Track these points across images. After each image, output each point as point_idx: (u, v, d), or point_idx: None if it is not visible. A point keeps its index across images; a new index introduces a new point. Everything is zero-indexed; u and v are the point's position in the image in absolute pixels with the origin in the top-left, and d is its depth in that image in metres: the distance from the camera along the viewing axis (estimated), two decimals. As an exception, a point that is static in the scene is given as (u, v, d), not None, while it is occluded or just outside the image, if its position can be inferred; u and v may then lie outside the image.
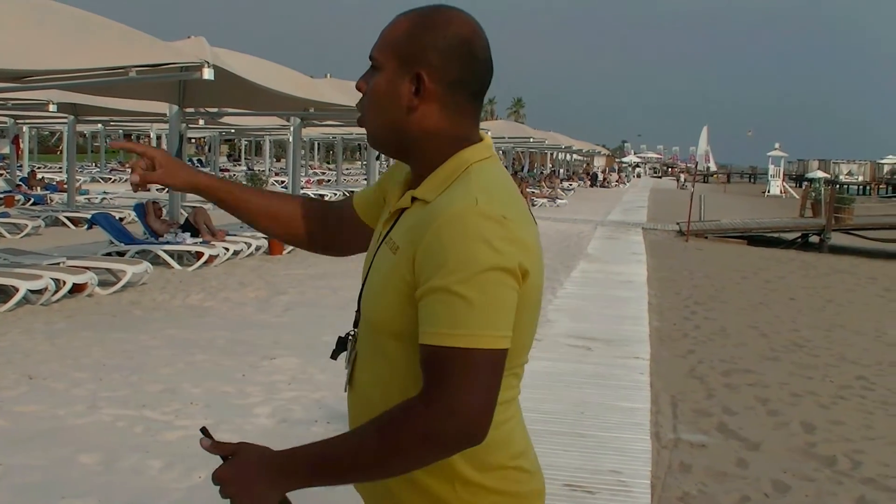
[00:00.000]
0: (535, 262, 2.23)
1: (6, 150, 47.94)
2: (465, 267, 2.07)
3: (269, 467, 2.21)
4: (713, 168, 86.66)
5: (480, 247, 2.09)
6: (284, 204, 2.81)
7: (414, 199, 2.31)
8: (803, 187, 63.02)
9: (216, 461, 2.31)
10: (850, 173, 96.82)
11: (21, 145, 43.10)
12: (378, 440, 2.10)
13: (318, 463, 2.19)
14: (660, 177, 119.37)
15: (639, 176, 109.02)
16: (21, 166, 43.26)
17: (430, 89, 2.29)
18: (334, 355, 2.56)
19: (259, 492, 2.19)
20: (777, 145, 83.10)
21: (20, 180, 35.89)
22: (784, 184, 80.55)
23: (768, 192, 78.20)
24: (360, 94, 2.42)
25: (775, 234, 33.84)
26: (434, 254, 2.11)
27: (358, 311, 2.43)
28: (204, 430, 2.33)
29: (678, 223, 33.61)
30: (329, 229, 2.80)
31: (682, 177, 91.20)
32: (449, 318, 2.07)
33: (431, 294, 2.10)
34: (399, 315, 2.21)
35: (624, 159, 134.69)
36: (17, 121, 36.28)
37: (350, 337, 2.50)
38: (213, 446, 2.28)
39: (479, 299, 2.07)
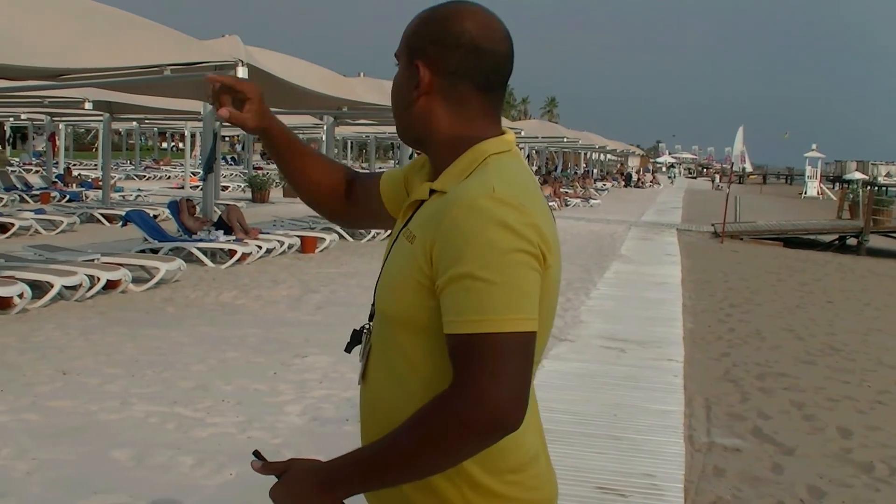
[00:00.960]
0: (554, 256, 2.19)
1: (42, 148, 48.40)
2: (486, 252, 2.04)
3: (317, 480, 2.19)
4: (749, 169, 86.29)
5: (501, 231, 2.06)
6: (328, 165, 2.82)
7: (432, 191, 2.30)
8: (841, 189, 62.62)
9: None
10: (888, 175, 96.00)
11: (57, 142, 43.43)
12: (415, 436, 2.05)
13: (361, 468, 2.15)
14: (694, 177, 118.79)
15: (675, 176, 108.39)
16: (57, 163, 43.61)
17: (428, 81, 2.31)
18: (348, 348, 2.53)
19: None
20: (814, 146, 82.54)
21: (56, 177, 36.18)
22: (821, 185, 80.00)
23: (805, 193, 77.67)
24: None
25: (812, 237, 33.62)
26: (453, 242, 2.08)
27: (374, 304, 2.41)
28: (256, 454, 2.32)
29: (713, 224, 33.45)
30: (352, 196, 2.79)
31: (717, 178, 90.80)
32: (473, 304, 2.03)
33: (454, 282, 2.06)
34: (417, 307, 2.17)
35: (658, 159, 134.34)
36: (54, 118, 36.60)
37: (365, 330, 2.46)
38: (265, 467, 2.28)
39: (503, 282, 2.03)
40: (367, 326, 2.45)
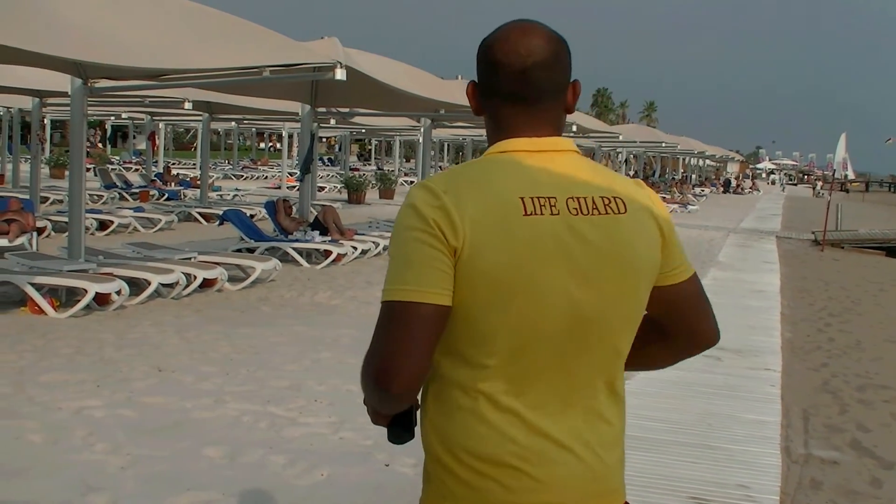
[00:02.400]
0: (483, 242, 2.25)
1: (143, 146, 49.14)
2: (394, 229, 2.33)
3: None
4: (851, 176, 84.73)
5: (406, 210, 2.30)
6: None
7: None
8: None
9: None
10: None
11: (157, 141, 43.99)
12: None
13: None
14: (795, 184, 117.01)
15: (773, 183, 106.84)
16: (156, 162, 44.15)
17: (473, 101, 2.53)
18: None
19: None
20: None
21: (155, 176, 36.65)
22: (925, 193, 78.08)
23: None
24: None
25: (917, 246, 32.80)
26: None
27: None
28: None
29: (813, 232, 32.90)
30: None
31: (819, 185, 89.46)
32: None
33: None
34: None
35: (758, 165, 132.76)
36: (154, 117, 37.06)
37: None
38: None
39: (395, 255, 2.29)
40: None
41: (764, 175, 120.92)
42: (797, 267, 24.00)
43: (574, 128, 28.87)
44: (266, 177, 56.33)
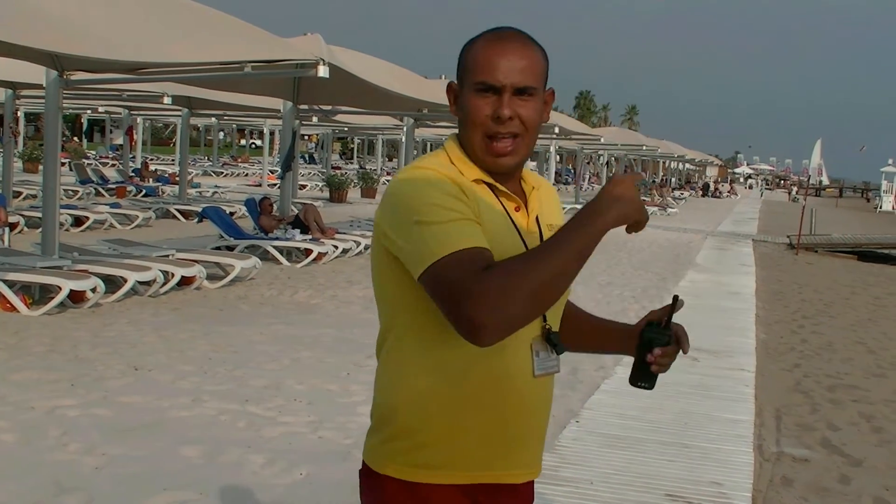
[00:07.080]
0: None
1: (120, 141, 48.69)
2: None
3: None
4: (825, 182, 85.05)
5: None
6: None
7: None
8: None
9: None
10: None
11: (135, 136, 43.69)
12: None
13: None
14: (771, 189, 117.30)
15: (750, 188, 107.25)
16: (134, 157, 43.81)
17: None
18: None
19: None
20: (890, 161, 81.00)
21: (133, 171, 36.43)
22: (897, 200, 78.38)
23: (880, 207, 76.28)
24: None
25: (886, 251, 32.98)
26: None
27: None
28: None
29: (788, 236, 33.03)
30: None
31: (794, 190, 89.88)
32: None
33: None
34: None
35: (737, 170, 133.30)
36: (132, 112, 36.79)
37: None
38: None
39: None
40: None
41: (742, 180, 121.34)
42: (772, 270, 24.12)
43: (556, 130, 28.94)
44: (247, 174, 56.19)
